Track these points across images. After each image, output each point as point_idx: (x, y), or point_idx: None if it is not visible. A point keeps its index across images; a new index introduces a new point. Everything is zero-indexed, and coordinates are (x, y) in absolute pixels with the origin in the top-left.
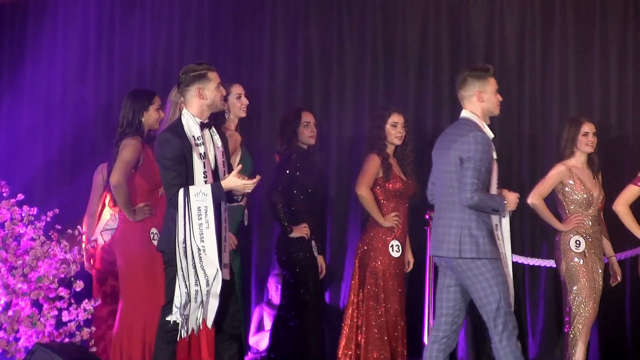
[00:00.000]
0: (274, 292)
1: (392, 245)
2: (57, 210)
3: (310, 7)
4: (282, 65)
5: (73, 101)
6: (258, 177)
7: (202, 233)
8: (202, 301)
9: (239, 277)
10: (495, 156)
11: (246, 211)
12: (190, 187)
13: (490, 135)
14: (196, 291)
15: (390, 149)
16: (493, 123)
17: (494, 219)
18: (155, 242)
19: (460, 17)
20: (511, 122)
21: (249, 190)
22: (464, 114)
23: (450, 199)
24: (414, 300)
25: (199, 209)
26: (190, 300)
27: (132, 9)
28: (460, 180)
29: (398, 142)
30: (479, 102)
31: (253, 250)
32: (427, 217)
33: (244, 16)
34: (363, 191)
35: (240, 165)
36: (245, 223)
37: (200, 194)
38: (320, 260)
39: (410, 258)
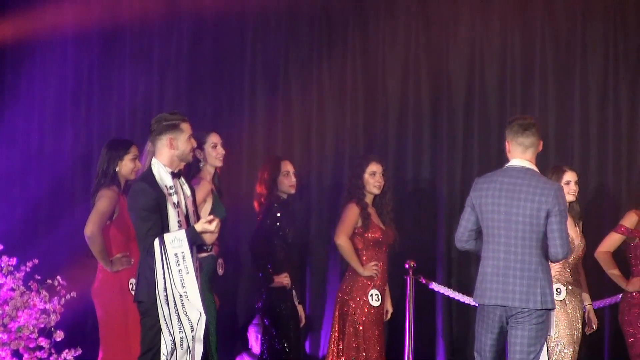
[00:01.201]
0: (254, 341)
1: (371, 295)
2: (36, 261)
3: (290, 55)
4: (262, 113)
5: (51, 150)
6: (217, 219)
7: (182, 279)
8: (188, 347)
9: (213, 326)
10: None
11: (220, 260)
12: (165, 235)
13: None
14: (181, 337)
15: (369, 198)
16: (474, 174)
17: None
18: (133, 293)
19: (441, 65)
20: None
21: (215, 235)
22: (522, 163)
23: (526, 250)
24: (395, 350)
25: (176, 255)
26: (176, 348)
27: (111, 57)
28: (555, 233)
29: (377, 191)
30: (535, 153)
31: (235, 300)
32: (406, 266)
33: (223, 65)
34: (342, 241)
35: (212, 217)
36: (220, 272)
37: (176, 241)
38: (300, 309)
39: (389, 307)
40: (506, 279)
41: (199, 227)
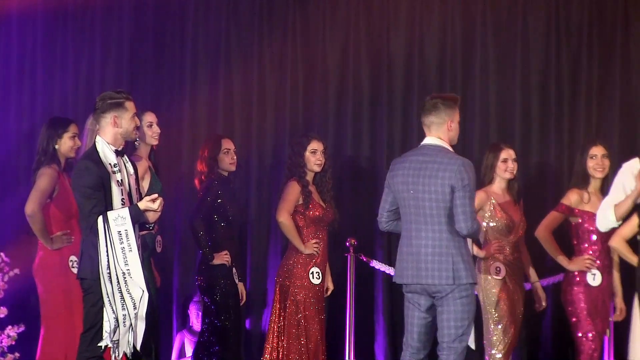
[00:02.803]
0: (195, 318)
1: (312, 272)
2: None
3: (231, 35)
4: (203, 93)
5: None
6: (160, 198)
7: (125, 257)
8: (130, 324)
9: (155, 303)
10: None
11: (159, 238)
12: (109, 213)
13: None
14: (124, 315)
15: (309, 176)
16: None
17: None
18: (74, 270)
19: (381, 42)
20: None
21: (158, 214)
22: (433, 140)
23: (435, 227)
24: (335, 328)
25: (119, 233)
26: (119, 325)
27: (54, 37)
28: (459, 208)
29: (317, 169)
30: (448, 130)
31: (174, 277)
32: (347, 244)
33: (164, 45)
34: (284, 218)
35: (156, 195)
36: (158, 250)
37: (119, 218)
38: (241, 287)
39: (330, 285)
40: (418, 257)
41: (142, 205)
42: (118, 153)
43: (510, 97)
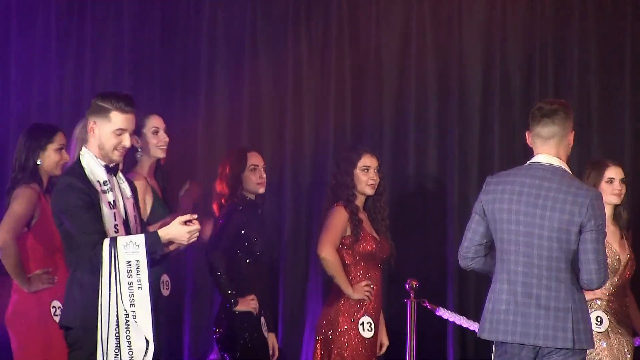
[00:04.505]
0: None
1: (362, 323)
2: None
3: (258, 23)
4: (223, 95)
5: None
6: (197, 222)
7: (132, 295)
8: None
9: None
10: None
11: (165, 277)
12: (119, 237)
13: None
14: None
15: (360, 200)
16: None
17: None
18: (57, 319)
19: (451, 30)
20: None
21: (193, 239)
22: (549, 159)
23: (552, 273)
24: None
25: (128, 263)
26: None
27: (32, 21)
28: (589, 254)
29: (370, 191)
30: (565, 145)
31: (184, 328)
32: (407, 286)
33: (174, 30)
34: (327, 253)
35: (188, 215)
36: (165, 293)
37: (131, 245)
38: (271, 339)
39: (384, 339)
40: (527, 309)
41: (174, 229)
42: (109, 170)
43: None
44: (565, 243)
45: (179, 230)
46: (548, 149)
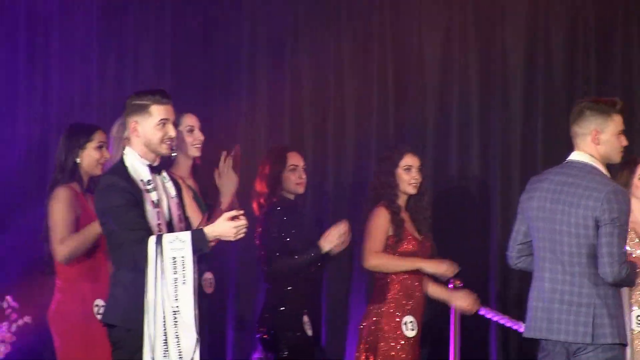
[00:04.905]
0: None
1: (405, 322)
2: None
3: (300, 24)
4: (264, 95)
5: None
6: (244, 218)
7: (176, 290)
8: None
9: None
10: None
11: (209, 275)
12: (164, 235)
13: None
14: None
15: (402, 200)
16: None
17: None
18: (100, 317)
19: (494, 24)
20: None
21: (240, 236)
22: (580, 156)
23: (575, 269)
24: None
25: (173, 259)
26: None
27: (73, 19)
28: (603, 248)
29: (412, 190)
30: (594, 143)
31: (227, 328)
32: (450, 286)
33: (215, 32)
34: (372, 263)
35: (236, 211)
36: (208, 291)
37: (177, 241)
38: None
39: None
40: (551, 305)
41: (220, 226)
42: (153, 169)
43: None
44: (584, 238)
45: (226, 227)
46: (582, 147)
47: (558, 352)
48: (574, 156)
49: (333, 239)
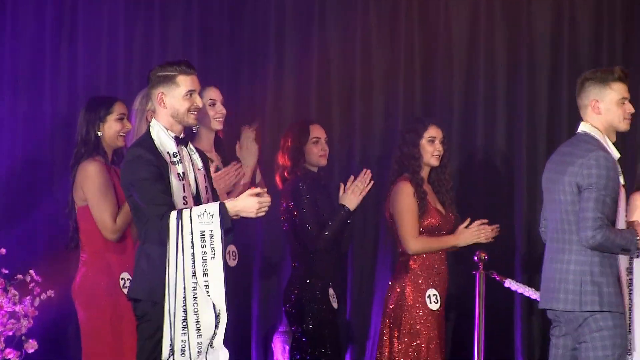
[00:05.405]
0: (281, 354)
1: (429, 296)
2: (3, 250)
3: None
4: (291, 67)
5: (24, 113)
6: (267, 195)
7: (205, 265)
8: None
9: None
10: (622, 181)
11: (233, 248)
12: (193, 208)
13: (616, 155)
14: (183, 342)
15: (424, 172)
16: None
17: (623, 261)
18: (125, 291)
19: (520, 7)
20: None
21: (261, 213)
22: (583, 127)
23: (565, 236)
24: None
25: (202, 233)
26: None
27: None
28: (580, 214)
29: (435, 162)
30: (594, 113)
31: (253, 301)
32: (475, 258)
33: (243, 7)
34: (414, 247)
35: (259, 190)
36: (232, 264)
37: (205, 214)
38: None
39: None
40: (548, 274)
41: (242, 202)
42: (179, 141)
43: None
44: (571, 205)
45: (248, 203)
46: (586, 118)
47: (565, 322)
48: (580, 127)
49: (356, 193)
